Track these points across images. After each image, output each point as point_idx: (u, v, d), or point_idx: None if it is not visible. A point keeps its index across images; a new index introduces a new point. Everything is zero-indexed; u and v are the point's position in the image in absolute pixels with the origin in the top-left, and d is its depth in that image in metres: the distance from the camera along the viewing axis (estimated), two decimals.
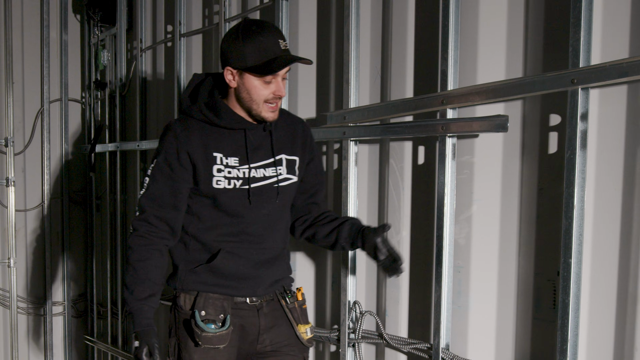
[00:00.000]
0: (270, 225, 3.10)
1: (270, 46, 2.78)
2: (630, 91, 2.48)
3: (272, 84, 2.84)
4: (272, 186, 3.05)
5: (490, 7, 2.95)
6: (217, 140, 2.97)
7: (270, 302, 3.16)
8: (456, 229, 3.11)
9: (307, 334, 3.20)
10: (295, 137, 3.16)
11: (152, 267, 2.93)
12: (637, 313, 2.50)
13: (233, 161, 2.97)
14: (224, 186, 2.95)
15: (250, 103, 2.89)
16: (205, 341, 2.89)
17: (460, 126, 2.93)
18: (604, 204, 2.59)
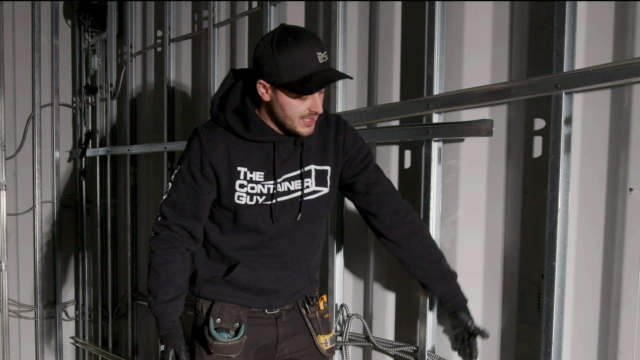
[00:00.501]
0: (293, 240, 2.90)
1: (308, 61, 2.48)
2: (614, 95, 2.47)
3: (308, 100, 2.57)
4: (296, 200, 2.83)
5: (476, 13, 2.94)
6: (243, 154, 2.75)
7: (291, 310, 3.01)
8: (442, 233, 3.10)
9: (326, 345, 3.05)
10: (327, 143, 2.87)
11: (175, 270, 2.81)
12: (620, 316, 2.50)
13: (258, 176, 2.76)
14: (246, 202, 2.77)
15: (284, 119, 2.63)
16: (216, 350, 2.78)
17: (446, 130, 2.92)
18: (587, 207, 2.58)
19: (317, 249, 3.03)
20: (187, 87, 4.94)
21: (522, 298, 2.84)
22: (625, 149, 2.44)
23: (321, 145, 2.86)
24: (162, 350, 2.69)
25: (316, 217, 2.92)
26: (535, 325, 2.72)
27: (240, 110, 2.72)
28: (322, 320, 3.05)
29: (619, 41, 2.45)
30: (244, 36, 4.34)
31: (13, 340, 6.27)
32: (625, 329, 2.48)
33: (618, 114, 2.46)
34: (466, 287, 2.95)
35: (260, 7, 3.89)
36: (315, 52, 2.50)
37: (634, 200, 2.42)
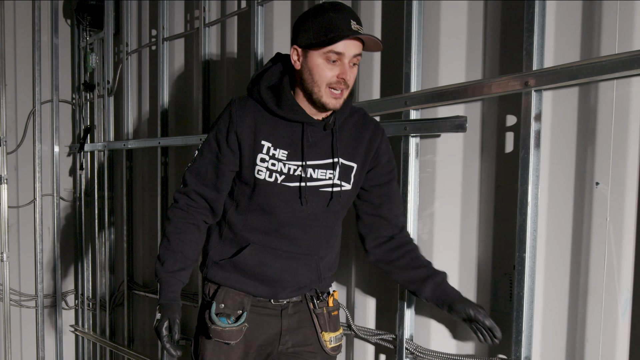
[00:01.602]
0: (307, 232, 2.77)
1: (340, 23, 2.41)
2: (581, 93, 2.48)
3: (337, 65, 2.47)
4: (318, 190, 2.70)
5: (451, 13, 2.95)
6: (270, 129, 2.65)
7: (299, 303, 2.88)
8: (420, 225, 3.10)
9: (331, 343, 2.90)
10: (360, 141, 2.76)
11: (187, 241, 2.75)
12: (587, 305, 2.51)
13: (281, 154, 2.64)
14: (265, 177, 2.64)
15: (312, 85, 2.53)
16: (214, 334, 2.68)
17: (422, 126, 2.92)
18: (557, 201, 2.60)
19: (330, 248, 2.89)
20: (181, 84, 4.95)
21: (495, 288, 2.85)
22: (592, 144, 2.45)
23: (353, 142, 2.76)
24: (158, 318, 2.63)
25: (333, 212, 2.80)
26: (508, 314, 2.73)
27: (275, 87, 2.67)
28: (329, 317, 2.92)
29: (586, 40, 2.46)
30: (234, 35, 4.35)
31: (14, 329, 6.29)
32: (592, 318, 2.50)
33: (585, 111, 2.48)
34: None
35: (248, 7, 3.89)
36: (350, 19, 2.44)
37: (600, 194, 2.44)
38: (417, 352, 3.06)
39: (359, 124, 2.78)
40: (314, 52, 2.48)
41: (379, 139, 2.79)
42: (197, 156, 2.77)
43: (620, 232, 2.40)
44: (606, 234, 2.43)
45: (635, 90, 2.32)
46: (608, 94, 2.39)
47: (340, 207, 2.80)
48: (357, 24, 2.45)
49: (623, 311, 2.41)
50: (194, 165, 2.77)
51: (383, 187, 2.83)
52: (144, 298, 5.49)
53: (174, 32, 4.86)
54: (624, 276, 2.40)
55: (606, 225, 2.43)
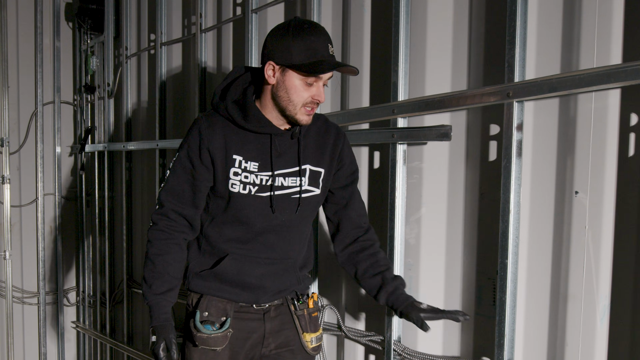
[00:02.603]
0: (283, 238, 2.84)
1: (320, 48, 2.49)
2: (562, 104, 2.51)
3: (313, 87, 2.54)
4: (289, 197, 2.77)
5: (437, 25, 2.97)
6: (239, 143, 2.70)
7: (280, 306, 2.94)
8: (407, 230, 3.13)
9: (312, 343, 2.97)
10: (325, 146, 2.83)
11: (171, 261, 2.74)
12: (567, 311, 2.53)
13: (252, 166, 2.69)
14: (239, 190, 2.69)
15: (287, 103, 2.58)
16: (200, 342, 2.72)
17: (409, 134, 2.94)
18: (538, 208, 2.62)
19: (303, 247, 2.96)
20: (178, 88, 4.97)
21: (479, 292, 2.87)
22: (572, 154, 2.47)
23: (318, 148, 2.82)
24: (154, 341, 2.64)
25: (304, 217, 2.87)
26: (491, 318, 2.74)
27: (240, 102, 2.69)
28: (309, 318, 2.98)
29: (566, 52, 2.49)
30: (229, 41, 4.37)
31: (17, 325, 6.31)
32: (571, 323, 2.52)
33: (565, 122, 2.50)
34: (429, 280, 3.00)
35: (243, 15, 3.92)
36: (327, 43, 2.52)
37: (579, 203, 2.46)
38: (405, 354, 3.07)
39: (322, 130, 2.85)
40: (293, 73, 2.52)
41: (341, 142, 2.87)
42: (170, 176, 2.78)
43: (598, 239, 2.42)
44: (585, 242, 2.45)
45: (613, 102, 2.34)
46: (587, 105, 2.41)
47: (310, 211, 2.88)
48: (332, 47, 2.55)
49: (601, 316, 2.43)
50: (168, 186, 2.78)
51: (347, 188, 2.92)
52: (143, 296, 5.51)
53: (172, 37, 4.89)
54: (602, 283, 2.43)
55: (585, 233, 2.45)
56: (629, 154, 2.33)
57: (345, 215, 2.94)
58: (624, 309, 2.39)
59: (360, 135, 3.22)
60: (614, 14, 2.34)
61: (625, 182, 2.35)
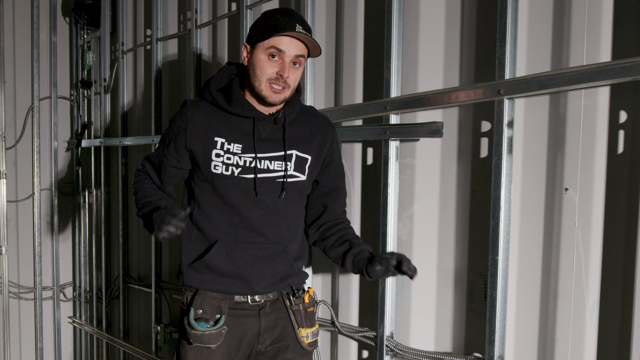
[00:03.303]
0: (270, 221, 2.84)
1: (284, 24, 2.55)
2: (552, 101, 2.54)
3: (277, 62, 2.60)
4: (274, 180, 2.79)
5: (430, 22, 3.00)
6: (222, 125, 2.75)
7: (275, 301, 2.93)
8: (399, 226, 3.15)
9: (307, 338, 2.96)
10: (313, 135, 2.88)
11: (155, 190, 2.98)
12: (557, 307, 2.56)
13: (235, 147, 2.74)
14: (222, 172, 2.74)
15: (254, 79, 2.65)
16: (195, 339, 2.73)
17: (402, 131, 2.97)
18: (528, 205, 2.65)
19: (294, 235, 2.96)
20: (174, 83, 4.99)
21: (471, 288, 2.89)
22: (562, 151, 2.50)
23: (307, 135, 2.87)
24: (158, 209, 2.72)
25: (289, 201, 2.88)
26: (483, 314, 2.77)
27: (225, 88, 2.78)
28: (305, 313, 2.98)
29: (557, 50, 2.51)
30: (224, 36, 4.39)
31: (13, 321, 6.32)
32: (561, 319, 2.55)
33: (555, 119, 2.53)
34: (421, 277, 3.00)
35: (237, 11, 3.93)
36: (296, 23, 2.57)
37: (569, 200, 2.48)
38: (397, 350, 3.10)
39: (310, 119, 2.91)
40: (258, 48, 2.62)
41: (331, 133, 2.94)
42: (156, 149, 2.99)
43: (588, 236, 2.45)
44: (575, 239, 2.48)
45: (602, 99, 2.37)
46: (576, 103, 2.44)
47: (296, 197, 2.90)
48: (304, 29, 2.59)
49: (591, 313, 2.46)
50: (151, 154, 3.01)
51: (336, 179, 3.01)
52: (139, 292, 5.54)
53: (168, 33, 4.90)
54: (592, 279, 2.45)
55: (575, 229, 2.48)
56: (618, 151, 2.36)
57: (328, 207, 3.01)
58: (613, 306, 2.42)
59: (353, 131, 3.24)
60: (604, 11, 2.37)
61: (614, 179, 2.38)
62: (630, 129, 2.33)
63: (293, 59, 2.62)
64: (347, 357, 3.59)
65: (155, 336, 5.01)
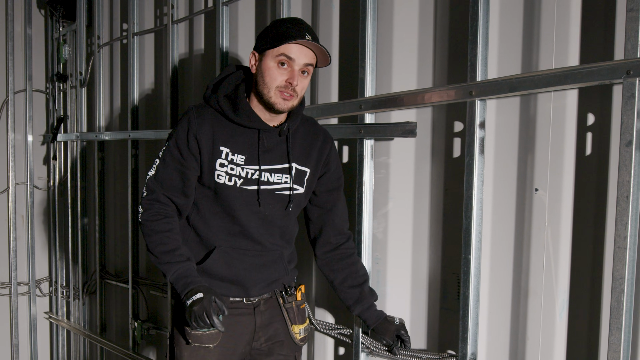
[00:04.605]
0: (268, 230, 2.89)
1: (294, 32, 2.59)
2: (522, 103, 2.61)
3: (286, 70, 2.62)
4: (274, 192, 2.83)
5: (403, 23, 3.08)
6: (228, 135, 2.76)
7: (269, 300, 2.99)
8: (374, 224, 3.22)
9: (300, 334, 3.06)
10: (312, 148, 2.92)
11: (178, 236, 2.77)
12: (528, 306, 2.65)
13: (239, 158, 2.75)
14: (224, 182, 2.75)
15: (263, 87, 2.66)
16: (195, 339, 2.77)
17: (376, 130, 3.04)
18: (500, 205, 2.73)
19: (287, 242, 3.02)
20: (150, 78, 5.03)
21: (445, 286, 2.97)
22: (532, 152, 2.58)
23: (305, 148, 2.90)
24: (199, 297, 2.56)
25: (287, 214, 2.93)
26: (456, 311, 2.85)
27: (232, 96, 2.78)
28: (297, 310, 3.06)
29: (527, 53, 2.59)
30: (201, 32, 4.44)
31: None
32: (532, 317, 2.63)
33: (526, 121, 2.60)
34: (396, 274, 3.09)
35: (214, 7, 3.97)
36: (304, 31, 2.61)
37: (539, 200, 2.56)
38: (372, 347, 3.17)
39: (310, 131, 2.94)
40: (267, 55, 2.64)
41: (329, 146, 2.96)
42: (159, 165, 2.81)
43: (557, 236, 2.53)
44: (545, 238, 2.56)
45: (570, 102, 2.45)
46: (546, 105, 2.52)
47: (295, 208, 2.93)
48: (313, 39, 2.61)
49: (560, 311, 2.54)
50: (157, 175, 2.80)
51: (333, 192, 3.00)
52: (116, 287, 5.58)
53: (144, 28, 4.93)
54: (561, 278, 2.54)
55: (545, 229, 2.56)
56: (586, 152, 2.44)
57: (328, 220, 3.04)
58: (581, 304, 2.50)
59: (329, 129, 3.29)
60: (572, 18, 2.44)
61: (582, 180, 2.46)
62: (598, 131, 2.41)
63: (302, 68, 2.65)
64: (324, 354, 3.66)
65: (133, 332, 5.05)
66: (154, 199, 2.79)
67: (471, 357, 2.71)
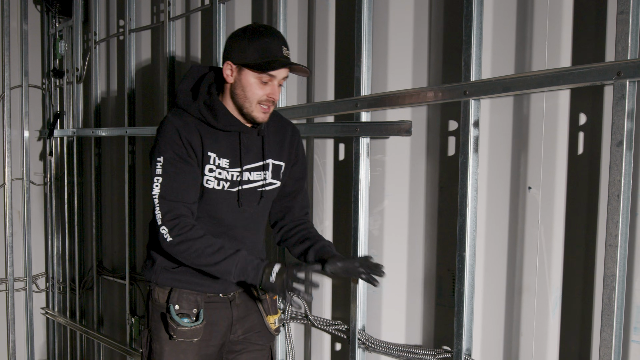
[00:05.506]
0: (250, 229, 3.00)
1: (274, 49, 2.67)
2: (516, 102, 2.67)
3: (268, 85, 2.71)
4: (255, 190, 2.93)
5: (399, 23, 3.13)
6: (212, 140, 2.81)
7: (243, 293, 3.09)
8: (370, 221, 3.27)
9: (275, 324, 3.16)
10: (283, 142, 3.04)
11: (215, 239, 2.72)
12: (522, 302, 2.70)
13: (224, 163, 2.83)
14: (214, 187, 2.82)
15: (243, 100, 2.75)
16: (179, 335, 2.83)
17: (372, 128, 3.10)
18: (494, 203, 2.78)
19: (262, 236, 3.14)
20: (147, 75, 5.06)
21: (440, 283, 3.02)
22: (525, 151, 2.63)
23: (278, 143, 3.01)
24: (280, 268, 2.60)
25: (266, 208, 3.07)
26: (451, 308, 2.89)
27: (209, 103, 2.81)
28: (271, 301, 3.13)
29: (520, 53, 2.64)
30: (198, 29, 4.47)
31: None
32: (526, 314, 2.69)
33: (519, 120, 2.66)
34: (392, 271, 3.13)
35: (210, 5, 4.01)
36: (281, 45, 2.70)
37: (532, 198, 2.61)
38: (369, 343, 3.22)
39: (279, 125, 3.06)
40: (248, 71, 2.70)
41: (297, 139, 3.11)
42: (164, 180, 2.74)
43: (550, 234, 2.58)
44: (538, 236, 2.61)
45: (563, 102, 2.50)
46: (539, 104, 2.57)
47: (271, 202, 3.07)
48: (287, 50, 2.73)
49: (553, 308, 2.59)
50: (168, 190, 2.73)
51: (299, 181, 3.16)
52: (113, 283, 5.61)
53: (141, 24, 4.96)
54: (554, 275, 2.59)
55: (538, 227, 2.61)
56: (578, 151, 2.49)
57: (291, 207, 3.16)
58: (574, 301, 2.55)
59: (325, 127, 3.35)
60: (564, 20, 2.49)
61: (575, 179, 2.51)
62: (590, 131, 2.46)
63: (280, 81, 2.75)
64: (320, 349, 3.71)
65: (130, 328, 5.10)
66: (175, 216, 2.72)
67: (466, 353, 2.76)
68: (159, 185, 2.73)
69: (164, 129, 2.79)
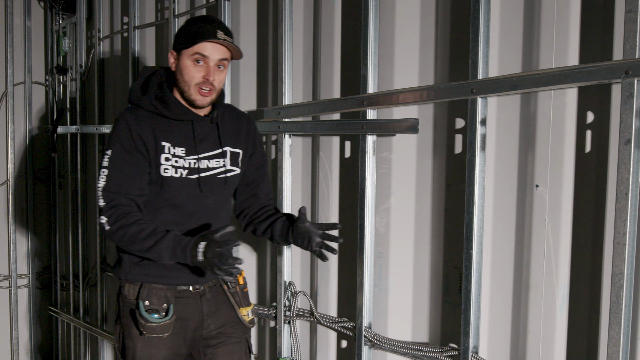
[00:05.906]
0: (213, 216, 3.06)
1: (206, 31, 2.78)
2: (523, 100, 2.67)
3: (202, 67, 2.83)
4: (216, 177, 3.03)
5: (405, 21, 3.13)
6: (166, 131, 2.92)
7: (213, 287, 3.16)
8: (377, 219, 3.28)
9: (248, 316, 3.23)
10: (239, 130, 3.17)
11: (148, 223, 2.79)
12: (529, 300, 2.71)
13: (180, 151, 2.92)
14: (171, 175, 2.90)
15: (183, 84, 2.87)
16: (149, 331, 2.87)
17: (378, 126, 3.09)
18: (501, 201, 2.78)
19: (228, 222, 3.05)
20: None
21: (446, 280, 3.03)
22: (532, 149, 2.64)
23: (234, 131, 3.16)
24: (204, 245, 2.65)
25: (228, 195, 3.18)
26: (458, 305, 2.90)
27: (159, 96, 2.96)
28: (242, 294, 3.24)
29: (527, 51, 2.64)
30: None
31: None
32: (533, 311, 2.69)
33: (526, 118, 2.67)
34: (399, 268, 3.16)
35: (215, 2, 4.02)
36: (217, 29, 2.82)
37: (540, 196, 2.62)
38: (375, 340, 3.23)
39: (234, 116, 3.23)
40: (184, 54, 2.85)
41: (253, 127, 3.29)
42: (110, 172, 2.83)
43: (557, 232, 2.59)
44: (545, 234, 2.62)
45: (570, 100, 2.51)
46: (546, 102, 2.58)
47: (233, 189, 3.21)
48: (225, 34, 2.84)
49: (561, 305, 2.60)
50: (112, 181, 2.82)
51: (259, 170, 3.30)
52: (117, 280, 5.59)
53: (145, 21, 4.96)
54: (562, 273, 2.60)
55: (545, 225, 2.62)
56: (585, 150, 2.50)
57: (256, 194, 3.29)
58: (581, 298, 2.56)
59: (331, 125, 3.35)
60: (571, 18, 2.50)
61: (582, 177, 2.52)
62: (597, 129, 2.47)
63: (217, 63, 2.86)
64: (326, 347, 3.72)
65: None
66: (115, 205, 2.80)
67: (473, 351, 2.77)
68: (104, 177, 2.84)
69: (116, 124, 2.92)
